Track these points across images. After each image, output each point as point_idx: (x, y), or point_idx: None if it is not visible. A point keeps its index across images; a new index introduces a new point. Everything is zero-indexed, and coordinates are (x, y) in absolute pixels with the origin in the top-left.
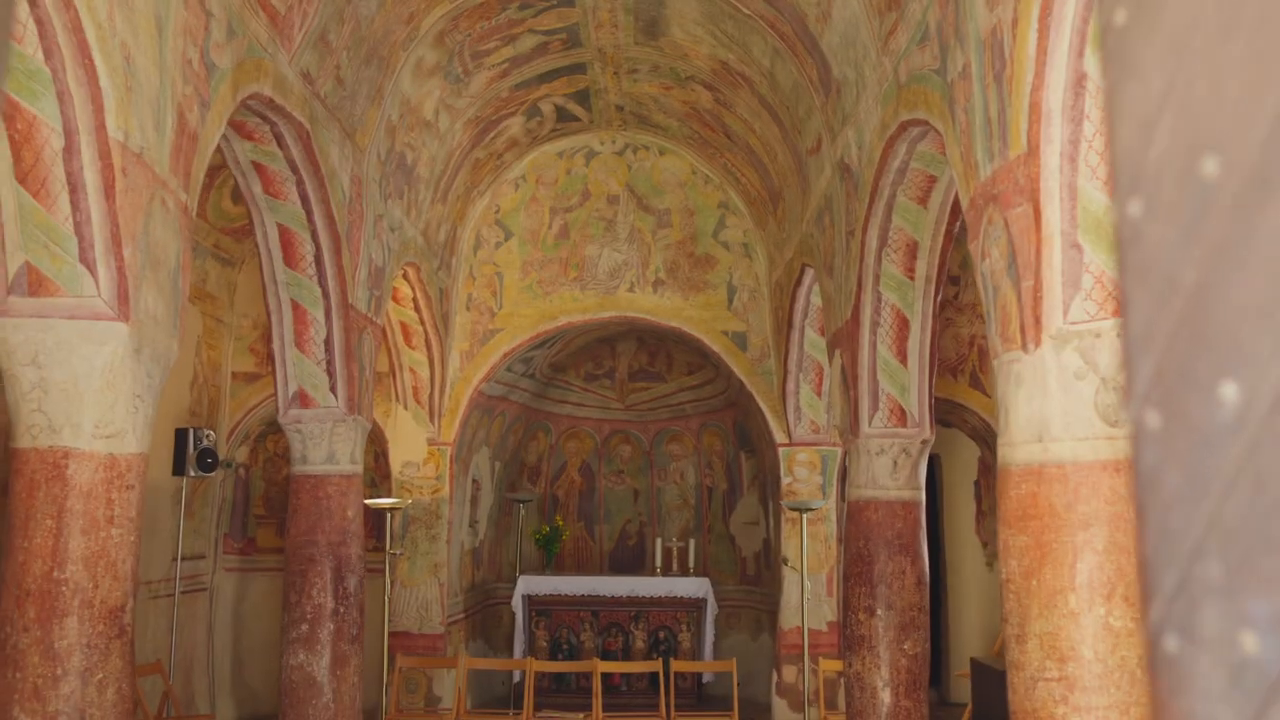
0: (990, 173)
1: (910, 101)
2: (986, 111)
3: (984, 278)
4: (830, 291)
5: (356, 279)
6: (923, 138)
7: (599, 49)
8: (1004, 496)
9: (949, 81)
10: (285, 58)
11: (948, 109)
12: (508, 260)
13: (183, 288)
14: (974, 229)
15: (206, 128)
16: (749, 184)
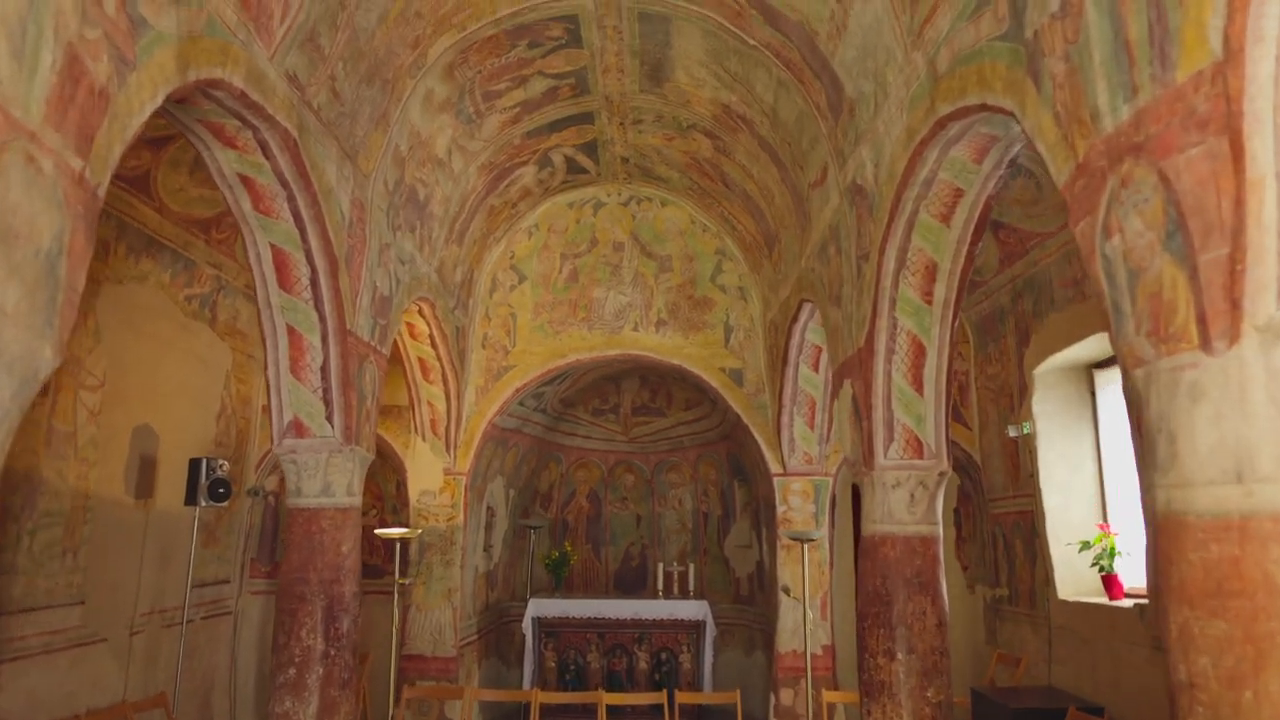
0: (1129, 116)
1: (956, 89)
2: (1121, 35)
3: (1110, 261)
4: (838, 321)
5: (358, 305)
6: (960, 138)
7: (606, 96)
8: (1173, 559)
9: (1029, 37)
10: (264, 51)
11: (1025, 73)
12: (521, 302)
13: (75, 281)
14: (1085, 203)
15: (129, 92)
16: (745, 231)
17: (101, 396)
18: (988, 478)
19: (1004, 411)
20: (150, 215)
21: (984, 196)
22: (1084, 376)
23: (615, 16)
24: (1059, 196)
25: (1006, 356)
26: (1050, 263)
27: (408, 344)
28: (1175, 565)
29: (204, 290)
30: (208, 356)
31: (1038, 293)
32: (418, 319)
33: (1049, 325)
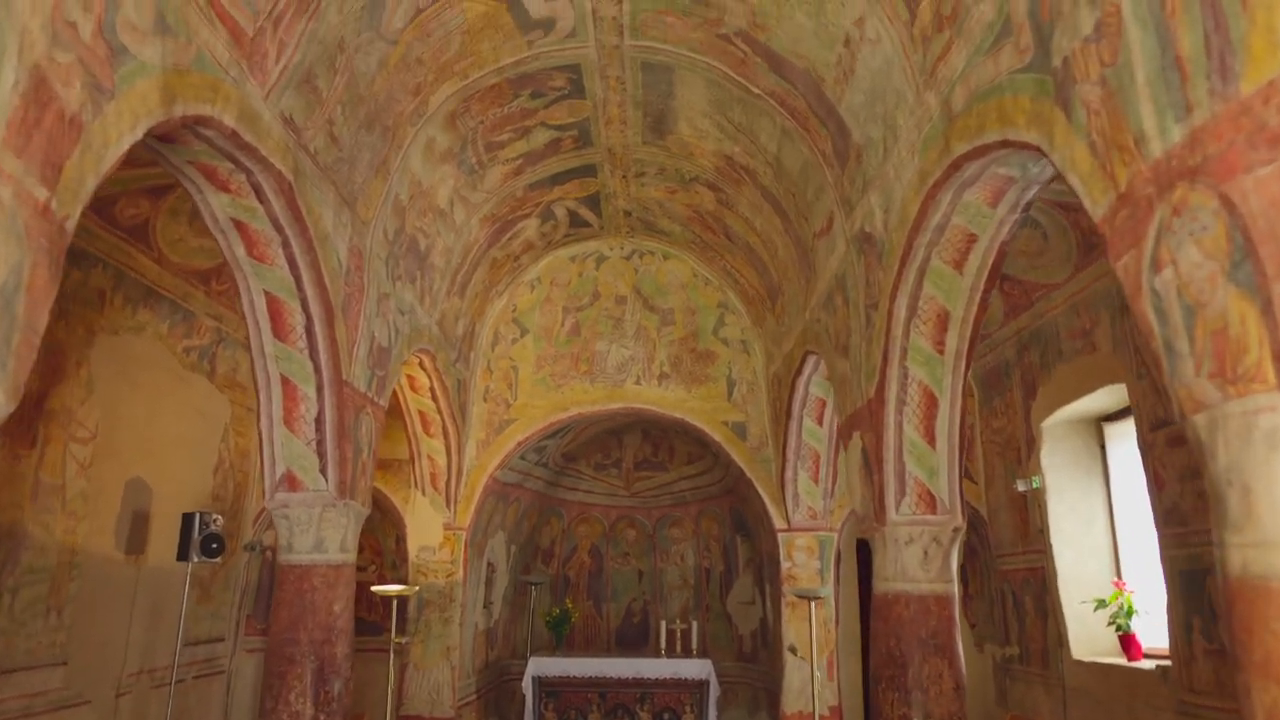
0: (1181, 136)
1: (973, 127)
2: (1170, 51)
3: (1161, 297)
4: (845, 372)
5: (354, 355)
6: (975, 180)
7: (609, 149)
8: (1254, 630)
9: (1057, 65)
10: (258, 91)
11: (1053, 103)
12: (523, 355)
13: (34, 321)
14: (1129, 236)
15: (105, 122)
16: (747, 284)
17: (93, 449)
18: (995, 533)
19: (1011, 465)
20: (149, 265)
21: (998, 242)
22: (1093, 430)
23: (618, 66)
24: (1065, 246)
25: (1013, 410)
26: (1057, 314)
27: (408, 397)
28: (1257, 636)
29: (203, 342)
30: (206, 409)
31: (1044, 345)
32: (418, 371)
33: (1057, 377)
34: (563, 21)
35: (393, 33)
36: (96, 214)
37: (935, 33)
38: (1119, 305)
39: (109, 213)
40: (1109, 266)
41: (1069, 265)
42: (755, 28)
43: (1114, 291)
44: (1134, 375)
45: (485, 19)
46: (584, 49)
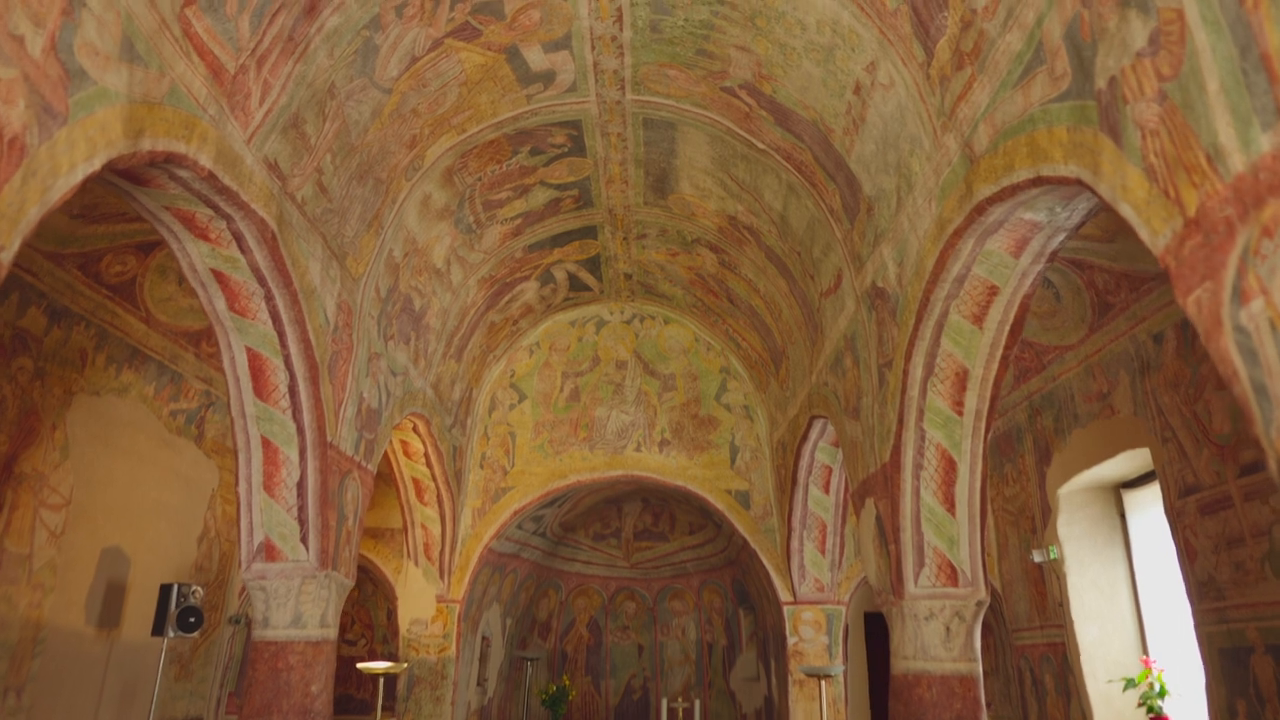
0: (1270, 147)
1: (1000, 166)
2: (1251, 51)
3: (1248, 334)
4: (856, 436)
5: (341, 416)
6: (999, 226)
7: (609, 209)
8: None
9: (1101, 88)
10: (239, 133)
11: (1096, 130)
12: (521, 421)
13: None
14: (1201, 266)
15: (55, 148)
16: (750, 349)
17: (66, 515)
18: (1010, 606)
19: (1025, 535)
20: (135, 325)
21: (1020, 295)
22: (1113, 497)
23: (619, 123)
24: (1079, 307)
25: (1025, 477)
26: (1071, 377)
27: (402, 463)
28: None
29: (191, 405)
30: (192, 475)
31: (1058, 409)
32: (412, 437)
33: (1072, 443)
34: (563, 75)
35: (387, 81)
36: (80, 270)
37: (955, 71)
38: (1139, 366)
39: (94, 269)
40: (1126, 326)
41: (1083, 326)
42: (761, 79)
43: (1133, 352)
44: (1158, 439)
45: (484, 70)
46: (585, 104)
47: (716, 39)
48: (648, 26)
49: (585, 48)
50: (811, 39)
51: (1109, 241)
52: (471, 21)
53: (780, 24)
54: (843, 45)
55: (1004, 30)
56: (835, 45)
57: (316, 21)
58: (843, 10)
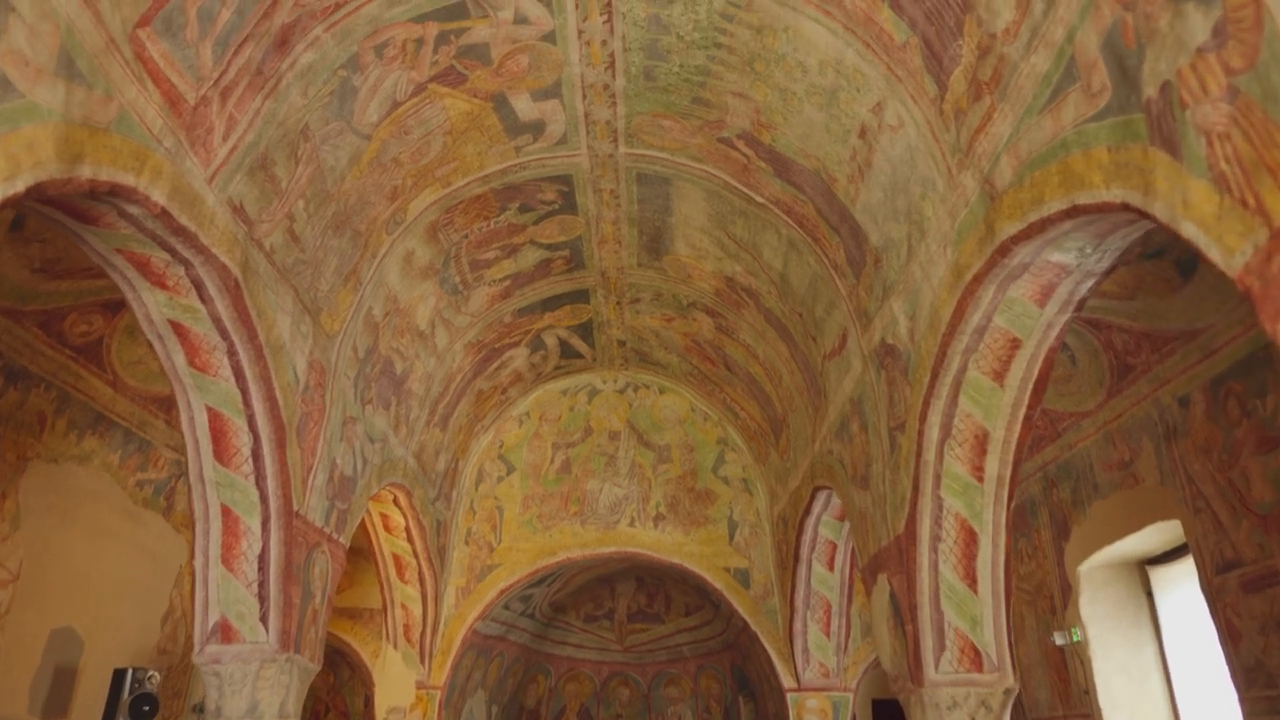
0: None
1: (1027, 200)
2: None
3: None
4: (865, 507)
5: (310, 484)
6: (1023, 271)
7: (602, 271)
8: None
9: (1152, 96)
10: (199, 170)
11: (1147, 144)
12: (509, 494)
13: None
14: None
15: None
16: (749, 418)
17: (13, 592)
18: (1029, 693)
19: (1044, 616)
20: (101, 389)
21: (1045, 349)
22: (1138, 574)
23: (612, 178)
24: (1097, 370)
25: (1042, 553)
26: (1089, 445)
27: (381, 538)
28: None
29: (160, 476)
30: (158, 550)
31: (1076, 479)
32: (393, 510)
33: (1093, 516)
34: (553, 126)
35: (366, 126)
36: (41, 329)
37: (971, 103)
38: (1164, 432)
39: (56, 328)
40: (1148, 390)
41: (1101, 390)
42: (760, 127)
43: (1156, 417)
44: (1190, 509)
45: (469, 119)
46: (576, 157)
47: (713, 86)
48: (641, 74)
49: (576, 96)
50: (813, 82)
51: (1129, 299)
52: (456, 66)
53: (780, 67)
54: (846, 86)
55: (1028, 52)
56: (838, 87)
57: (289, 56)
58: (846, 49)
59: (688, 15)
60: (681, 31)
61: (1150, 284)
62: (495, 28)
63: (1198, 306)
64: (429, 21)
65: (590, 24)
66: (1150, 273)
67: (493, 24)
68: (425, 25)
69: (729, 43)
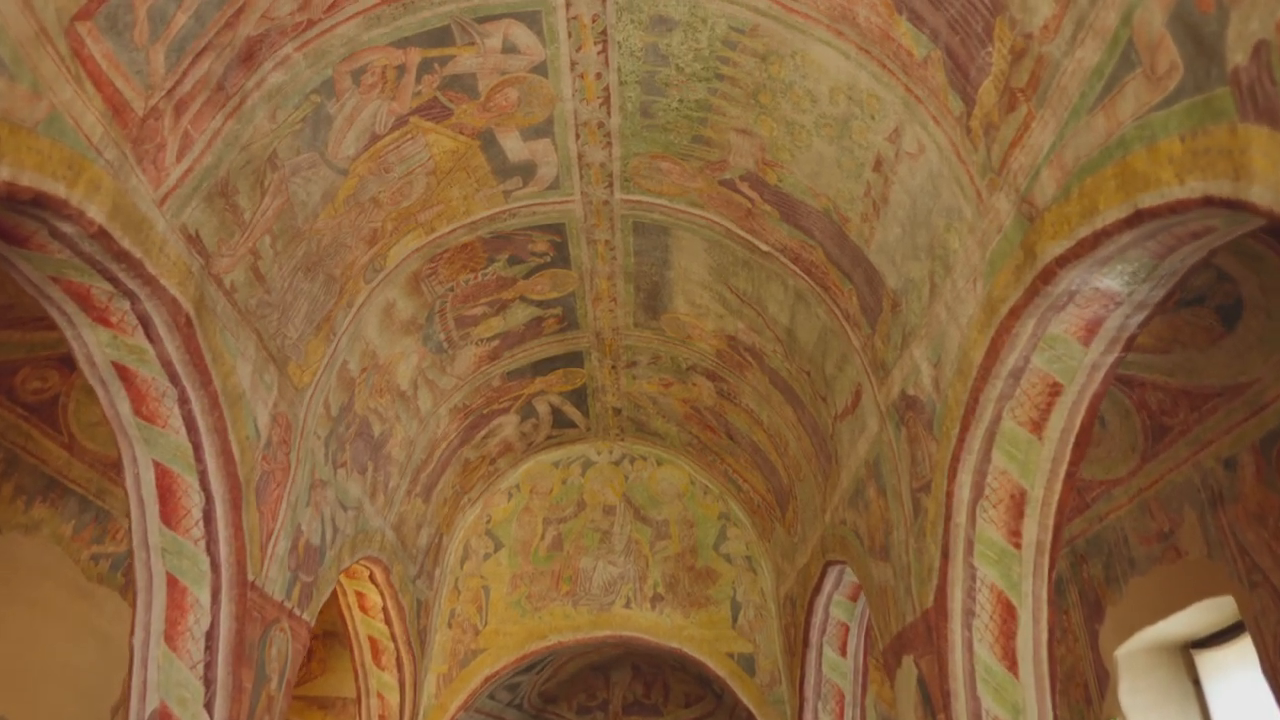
0: None
1: (1075, 214)
2: None
3: None
4: (885, 581)
5: (269, 552)
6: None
7: (597, 332)
8: None
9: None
10: (147, 190)
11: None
12: (496, 573)
13: None
14: None
15: None
16: (752, 491)
17: None
18: None
19: (1078, 706)
20: (55, 452)
21: (1089, 395)
22: (1182, 659)
23: (607, 228)
24: (1129, 433)
25: (1072, 636)
26: (1122, 515)
27: (356, 619)
28: None
29: (118, 549)
30: (112, 632)
31: (1109, 554)
32: (369, 588)
33: (1130, 594)
34: (544, 168)
35: (342, 160)
36: None
37: (1004, 115)
38: (1208, 498)
39: (7, 384)
40: (1188, 453)
41: (1134, 455)
42: (765, 166)
43: (1199, 482)
44: (1244, 584)
45: (455, 158)
46: (569, 204)
47: (715, 122)
48: (638, 110)
49: (569, 135)
50: (823, 112)
51: (1164, 353)
52: (441, 98)
53: (787, 98)
54: (860, 114)
55: (1072, 46)
56: (851, 116)
57: (255, 74)
58: (860, 71)
59: (688, 44)
60: (681, 62)
61: (1188, 335)
62: (482, 57)
63: (1242, 359)
64: (411, 47)
65: (584, 55)
66: (1188, 323)
67: (480, 53)
68: (407, 51)
69: (732, 73)
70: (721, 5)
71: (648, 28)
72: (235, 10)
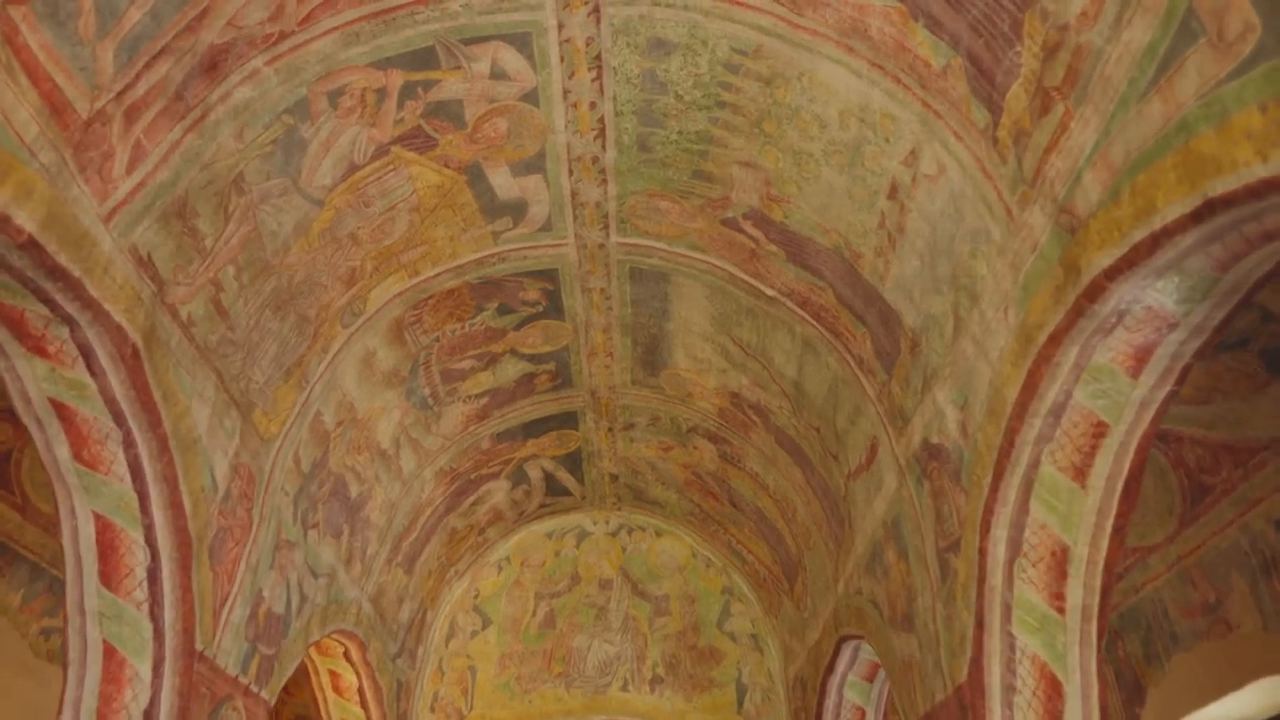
0: None
1: (1128, 216)
2: None
3: None
4: (909, 655)
5: (223, 619)
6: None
7: (592, 391)
8: None
9: None
10: (91, 202)
11: None
12: (483, 651)
13: None
14: None
15: None
16: (757, 562)
17: None
18: None
19: None
20: (6, 514)
21: (1138, 435)
22: None
23: (603, 275)
24: (1165, 495)
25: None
26: (1160, 586)
27: (329, 701)
28: None
29: None
30: None
31: (1147, 629)
32: (343, 666)
33: (1173, 674)
34: (536, 207)
35: (317, 189)
36: None
37: (1037, 119)
38: (1259, 564)
39: None
40: (1233, 514)
41: (1171, 520)
42: (770, 202)
43: (1247, 547)
44: None
45: (440, 194)
46: (562, 247)
47: (716, 155)
48: (635, 144)
49: (562, 171)
50: (833, 138)
51: (1203, 403)
52: (425, 127)
53: (794, 124)
54: (873, 138)
55: (1117, 29)
56: (863, 140)
57: (219, 86)
58: (872, 90)
59: (687, 69)
60: (680, 90)
61: (1230, 382)
62: (469, 82)
63: None
64: (393, 69)
65: (578, 82)
66: (1229, 369)
67: (466, 77)
68: (388, 73)
69: (734, 100)
70: (723, 25)
71: (645, 52)
72: (198, 13)
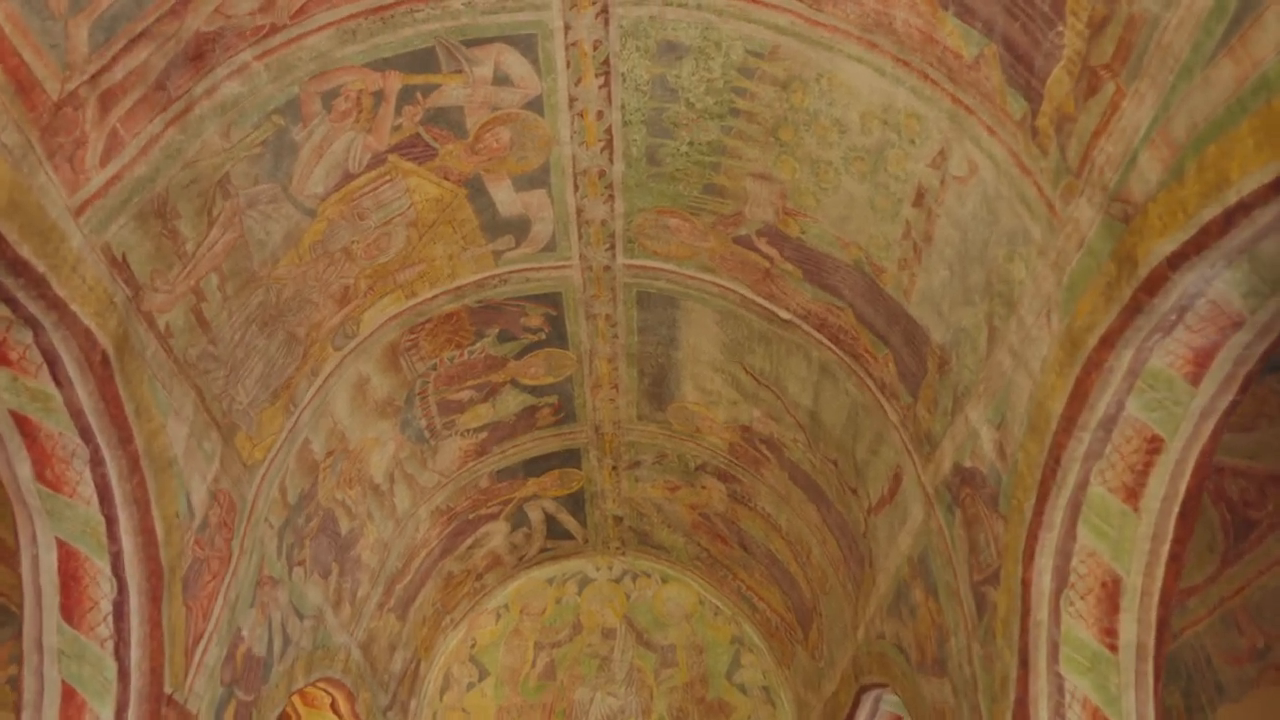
0: None
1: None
2: None
3: None
4: (942, 701)
5: (196, 660)
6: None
7: (596, 426)
8: None
9: None
10: (59, 193)
11: None
12: (480, 705)
13: None
14: None
15: None
16: (769, 609)
17: None
18: None
19: None
20: None
21: (1196, 450)
22: None
23: (609, 300)
24: (1205, 531)
25: None
26: (1201, 631)
27: None
28: None
29: None
30: None
31: (1188, 678)
32: (329, 717)
33: None
34: (539, 225)
35: (309, 198)
36: None
37: (1083, 101)
38: None
39: None
40: None
41: (1213, 558)
42: (785, 216)
43: None
44: None
45: (439, 208)
46: (566, 269)
47: (729, 168)
48: (644, 156)
49: (567, 186)
50: (853, 144)
51: (1246, 430)
52: (424, 135)
53: (811, 131)
54: (898, 140)
55: None
56: (886, 144)
57: (205, 79)
58: (897, 88)
59: (699, 74)
60: (692, 97)
61: (1275, 408)
62: (471, 88)
63: None
64: (390, 70)
65: (584, 89)
66: (1276, 392)
67: (468, 82)
68: (386, 75)
69: (748, 107)
70: (738, 25)
71: (655, 56)
72: None
